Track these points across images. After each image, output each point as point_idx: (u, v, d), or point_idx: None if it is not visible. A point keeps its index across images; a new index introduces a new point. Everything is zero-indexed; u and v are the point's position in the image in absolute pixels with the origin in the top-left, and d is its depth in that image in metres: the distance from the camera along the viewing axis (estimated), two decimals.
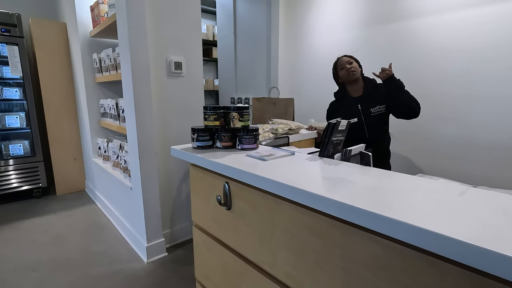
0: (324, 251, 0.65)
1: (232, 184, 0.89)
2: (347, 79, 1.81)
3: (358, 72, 1.78)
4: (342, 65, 1.80)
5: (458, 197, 0.58)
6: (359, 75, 1.79)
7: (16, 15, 2.62)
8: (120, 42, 1.70)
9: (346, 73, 1.78)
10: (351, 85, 1.82)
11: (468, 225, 0.47)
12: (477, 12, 1.85)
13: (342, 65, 1.80)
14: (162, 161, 1.91)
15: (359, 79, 1.80)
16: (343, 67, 1.80)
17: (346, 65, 1.78)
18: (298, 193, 0.65)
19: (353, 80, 1.79)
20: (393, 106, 1.71)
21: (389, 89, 1.64)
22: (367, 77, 1.83)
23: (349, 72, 1.76)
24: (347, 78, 1.80)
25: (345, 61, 1.80)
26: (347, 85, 1.85)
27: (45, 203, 2.77)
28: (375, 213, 0.52)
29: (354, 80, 1.79)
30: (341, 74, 1.82)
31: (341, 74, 1.83)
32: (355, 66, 1.77)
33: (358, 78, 1.79)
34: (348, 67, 1.76)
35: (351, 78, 1.77)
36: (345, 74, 1.79)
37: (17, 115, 2.74)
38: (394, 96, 1.64)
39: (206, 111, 1.04)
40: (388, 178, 0.72)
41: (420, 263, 0.50)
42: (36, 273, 1.71)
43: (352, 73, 1.76)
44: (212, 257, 1.05)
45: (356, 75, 1.77)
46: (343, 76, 1.82)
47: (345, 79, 1.82)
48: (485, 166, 1.92)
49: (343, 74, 1.81)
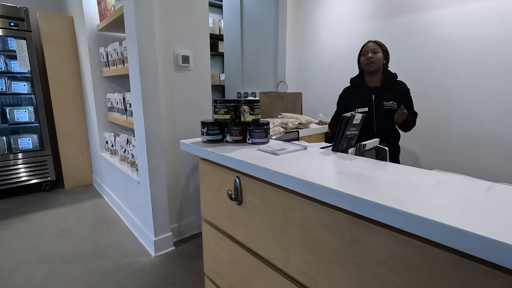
0: (340, 247, 0.63)
1: (243, 179, 0.87)
2: (366, 69, 1.75)
3: (378, 64, 1.70)
4: (366, 51, 1.73)
5: (485, 194, 0.56)
6: (378, 67, 1.71)
7: (24, 9, 2.62)
8: (128, 35, 1.68)
9: (366, 61, 1.71)
10: (369, 74, 1.76)
11: (496, 222, 0.44)
12: (490, 3, 1.79)
13: (365, 51, 1.73)
14: (169, 155, 1.90)
15: (378, 70, 1.73)
16: (365, 53, 1.73)
17: (369, 53, 1.71)
18: (313, 188, 0.63)
19: (370, 71, 1.73)
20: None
21: (400, 127, 1.72)
22: (389, 71, 1.77)
23: (368, 61, 1.70)
24: (366, 68, 1.74)
25: (370, 48, 1.71)
26: (366, 72, 1.78)
27: (54, 197, 2.79)
28: (396, 209, 0.49)
29: (371, 72, 1.73)
30: (362, 60, 1.76)
31: (361, 60, 1.77)
32: (377, 57, 1.69)
33: (376, 70, 1.72)
34: (369, 56, 1.69)
35: (368, 68, 1.72)
36: (364, 62, 1.73)
37: (25, 109, 2.76)
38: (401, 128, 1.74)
39: (217, 104, 1.02)
40: (408, 173, 0.70)
41: (443, 261, 0.48)
42: (45, 265, 1.73)
43: (370, 64, 1.70)
44: (222, 252, 1.04)
45: (373, 67, 1.70)
46: (362, 62, 1.76)
47: (364, 68, 1.76)
48: (498, 163, 1.88)
49: (363, 60, 1.75)
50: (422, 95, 2.15)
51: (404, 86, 1.74)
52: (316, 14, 2.82)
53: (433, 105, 2.12)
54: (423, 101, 2.14)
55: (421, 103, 2.13)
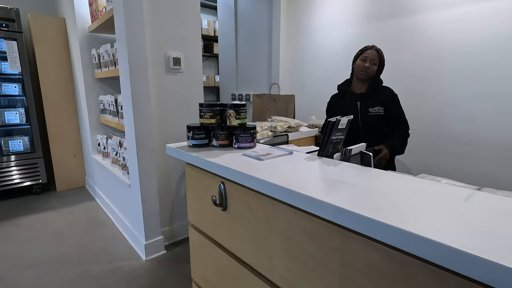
0: (320, 256, 0.62)
1: (227, 184, 0.87)
2: (356, 74, 1.72)
3: (370, 75, 1.69)
4: (366, 57, 1.68)
5: (463, 202, 0.55)
6: (368, 78, 1.70)
7: (15, 10, 2.59)
8: (118, 37, 1.67)
9: (361, 67, 1.68)
10: (357, 80, 1.74)
11: (472, 234, 0.44)
12: (484, 5, 1.80)
13: (365, 57, 1.68)
14: (160, 158, 1.89)
15: (367, 79, 1.71)
16: (364, 59, 1.68)
17: (367, 62, 1.66)
18: (294, 196, 0.63)
19: (359, 78, 1.72)
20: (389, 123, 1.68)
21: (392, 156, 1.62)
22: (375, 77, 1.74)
23: (362, 69, 1.67)
24: (357, 74, 1.72)
25: (370, 57, 1.67)
26: (354, 78, 1.76)
27: (45, 199, 2.76)
28: (373, 219, 0.49)
29: (361, 79, 1.72)
30: (358, 63, 1.71)
31: (357, 64, 1.71)
32: (372, 70, 1.67)
33: (365, 79, 1.71)
34: (367, 66, 1.66)
35: (359, 75, 1.70)
36: (359, 67, 1.69)
37: (16, 111, 2.73)
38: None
39: (202, 108, 1.01)
40: (389, 180, 0.69)
41: (419, 272, 0.47)
42: (34, 270, 1.71)
43: (363, 72, 1.67)
44: (208, 257, 1.03)
45: (364, 76, 1.68)
46: (357, 66, 1.71)
47: (356, 71, 1.73)
48: (490, 165, 1.88)
49: (358, 64, 1.70)
50: (415, 97, 2.15)
51: (390, 91, 1.71)
52: (309, 16, 2.82)
53: (427, 107, 2.12)
54: (417, 103, 2.14)
55: (415, 105, 2.14)
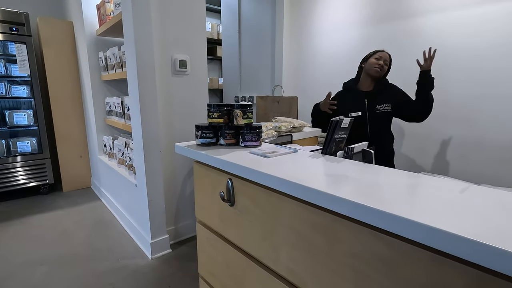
0: (326, 247, 0.66)
1: (235, 181, 0.90)
2: (369, 71, 1.75)
3: (380, 75, 1.75)
4: (381, 57, 1.73)
5: (460, 194, 0.58)
6: (378, 77, 1.75)
7: (24, 14, 2.66)
8: (126, 40, 1.72)
9: (375, 65, 1.71)
10: (367, 78, 1.78)
11: (469, 221, 0.47)
12: (485, 9, 1.83)
13: (380, 57, 1.73)
14: (167, 158, 1.93)
15: (375, 79, 1.77)
16: (379, 58, 1.72)
17: (381, 61, 1.71)
18: (301, 190, 0.66)
19: (371, 76, 1.75)
20: (410, 105, 1.67)
21: (424, 78, 1.56)
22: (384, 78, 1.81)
23: (379, 67, 1.71)
24: (369, 70, 1.74)
25: (385, 58, 1.73)
26: (363, 76, 1.80)
27: (52, 199, 2.81)
28: (378, 210, 0.52)
29: (372, 76, 1.75)
30: (371, 61, 1.74)
31: (370, 61, 1.74)
32: (384, 70, 1.74)
33: (375, 78, 1.76)
34: (382, 64, 1.71)
35: (372, 73, 1.73)
36: (373, 65, 1.72)
37: (25, 113, 2.79)
38: (423, 84, 1.57)
39: (210, 108, 1.05)
40: (392, 175, 0.73)
41: (421, 259, 0.50)
42: (43, 267, 1.74)
43: (378, 71, 1.71)
44: (215, 253, 1.07)
45: (377, 74, 1.73)
46: (370, 63, 1.74)
47: (368, 68, 1.75)
48: (492, 166, 1.90)
49: (372, 62, 1.73)
50: None
51: (396, 88, 1.78)
52: (313, 19, 2.87)
53: None
54: None
55: None
